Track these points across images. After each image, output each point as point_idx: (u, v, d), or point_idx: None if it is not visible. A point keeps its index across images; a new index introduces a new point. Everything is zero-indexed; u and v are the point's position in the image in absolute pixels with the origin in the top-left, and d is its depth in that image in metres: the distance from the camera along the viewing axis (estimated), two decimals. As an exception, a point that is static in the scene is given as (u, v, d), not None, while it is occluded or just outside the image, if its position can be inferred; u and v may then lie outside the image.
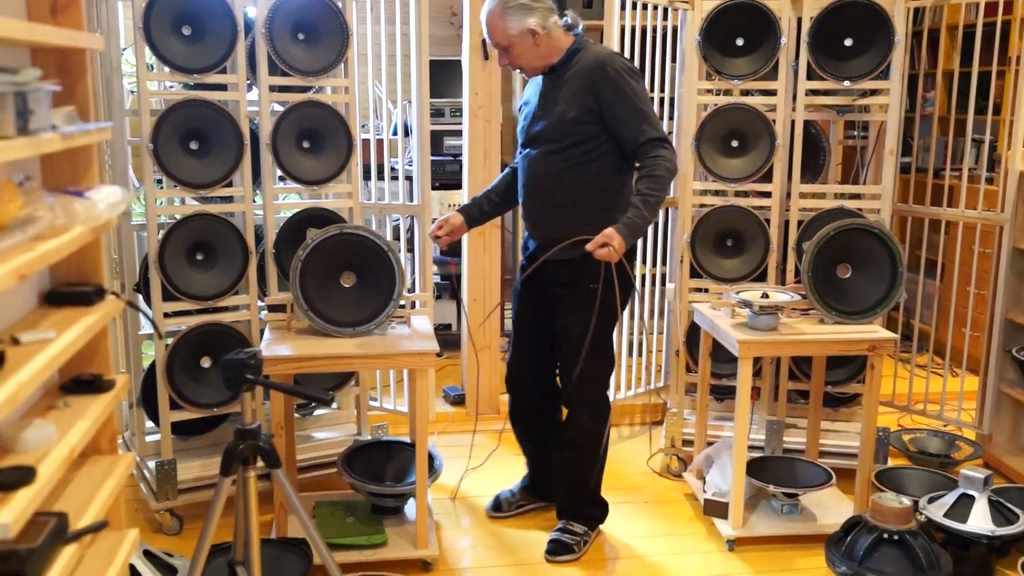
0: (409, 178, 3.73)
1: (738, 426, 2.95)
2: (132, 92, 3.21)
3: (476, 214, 3.00)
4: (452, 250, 4.84)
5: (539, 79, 2.81)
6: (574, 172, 2.73)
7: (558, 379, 3.00)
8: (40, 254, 1.39)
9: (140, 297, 3.08)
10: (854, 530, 2.75)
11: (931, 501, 2.90)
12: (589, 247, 2.60)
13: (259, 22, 3.00)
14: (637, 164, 2.72)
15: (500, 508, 3.17)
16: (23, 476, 1.37)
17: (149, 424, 3.18)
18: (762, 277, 3.48)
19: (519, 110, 2.93)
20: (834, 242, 3.06)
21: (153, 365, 3.03)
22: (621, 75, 2.66)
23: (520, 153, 2.89)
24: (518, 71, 2.81)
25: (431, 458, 3.09)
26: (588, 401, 2.90)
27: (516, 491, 3.22)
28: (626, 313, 4.01)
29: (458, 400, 4.14)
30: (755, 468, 3.15)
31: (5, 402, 1.27)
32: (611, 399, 3.93)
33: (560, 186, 2.75)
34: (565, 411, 2.99)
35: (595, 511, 3.05)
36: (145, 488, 3.12)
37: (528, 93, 2.89)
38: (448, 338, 4.66)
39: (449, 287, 2.79)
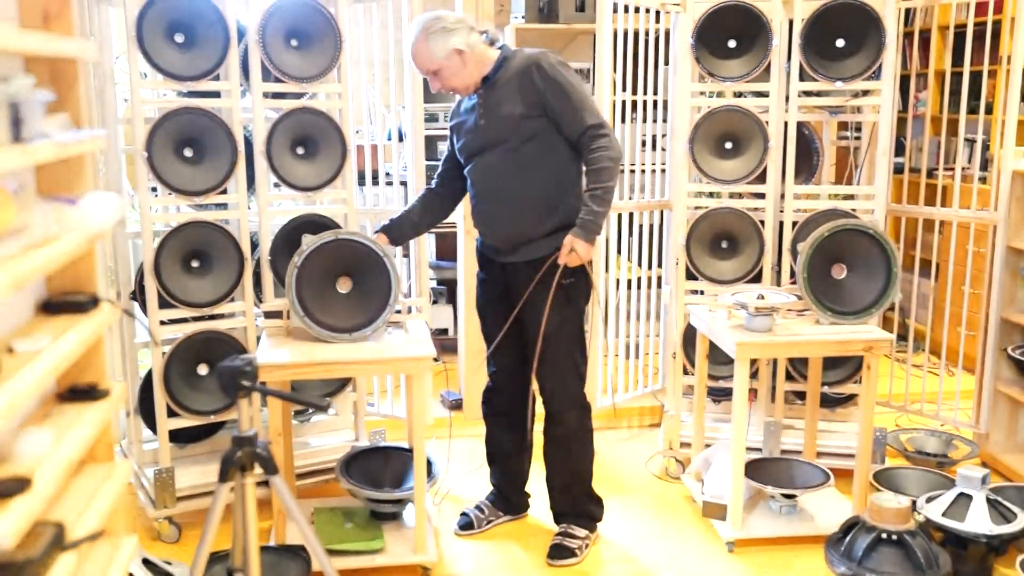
0: (404, 183, 3.73)
1: (735, 428, 2.95)
2: (126, 100, 3.20)
3: (396, 235, 3.00)
4: (448, 254, 4.84)
5: (471, 96, 2.83)
6: (532, 167, 2.75)
7: (534, 381, 2.98)
8: (36, 263, 1.39)
9: (136, 305, 3.07)
10: (853, 530, 2.76)
11: (929, 500, 2.90)
12: (560, 260, 2.71)
13: (252, 29, 3.01)
14: (583, 159, 2.75)
15: (471, 526, 3.14)
16: (18, 485, 1.36)
17: (147, 432, 3.17)
18: (757, 278, 3.49)
19: (451, 131, 2.95)
20: (829, 243, 3.06)
21: (150, 373, 3.03)
22: (555, 68, 2.70)
23: (466, 169, 2.88)
24: (449, 92, 2.85)
25: (429, 463, 3.09)
26: (570, 397, 2.90)
27: (484, 506, 3.19)
28: (622, 316, 4.01)
29: (456, 405, 4.14)
30: (753, 469, 3.15)
31: (1, 412, 1.27)
32: (610, 403, 3.96)
33: (521, 183, 2.77)
34: (543, 413, 2.98)
35: (594, 508, 3.05)
36: (143, 496, 3.11)
37: (461, 112, 2.90)
38: (445, 343, 4.67)
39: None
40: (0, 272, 1.28)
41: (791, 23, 3.39)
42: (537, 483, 3.19)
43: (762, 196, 3.48)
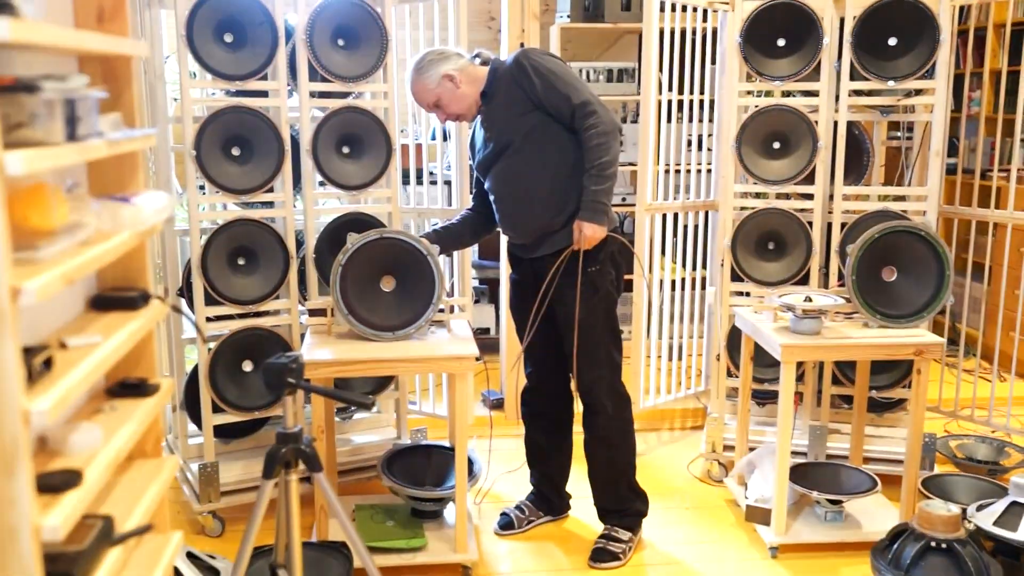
0: (448, 182, 3.74)
1: (781, 431, 2.91)
2: (175, 99, 3.25)
3: (434, 241, 2.99)
4: (490, 254, 4.84)
5: (478, 116, 2.90)
6: (538, 161, 2.78)
7: (572, 379, 2.98)
8: (87, 259, 1.40)
9: (183, 302, 3.11)
10: (900, 538, 2.70)
11: (980, 509, 2.83)
12: (575, 246, 2.75)
13: (299, 29, 3.03)
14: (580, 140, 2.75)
15: (511, 526, 3.14)
16: (70, 479, 1.38)
17: (192, 427, 3.21)
18: (804, 280, 3.44)
19: (470, 153, 3.03)
20: (879, 245, 3.01)
21: (196, 369, 3.06)
22: (534, 59, 2.74)
23: (486, 185, 2.93)
24: (458, 121, 2.94)
25: (470, 462, 3.09)
26: (608, 389, 2.89)
27: (525, 507, 3.19)
28: (666, 316, 3.98)
29: (497, 404, 4.14)
30: (798, 474, 3.11)
31: (54, 406, 1.29)
32: (652, 403, 3.93)
33: (532, 178, 2.79)
34: (581, 408, 2.97)
35: (639, 503, 3.03)
36: (188, 490, 3.15)
37: (472, 135, 3.00)
38: (487, 342, 4.66)
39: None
40: (53, 269, 1.30)
41: (842, 21, 3.34)
42: (578, 484, 3.18)
43: (810, 197, 3.43)
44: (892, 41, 3.28)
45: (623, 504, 3.01)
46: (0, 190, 1.19)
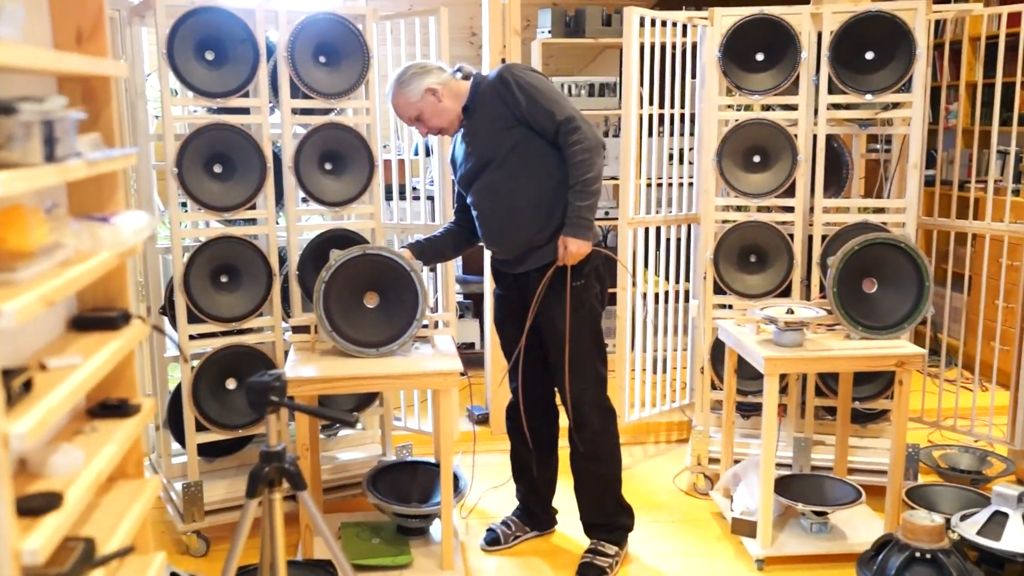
0: (431, 198, 3.74)
1: (765, 443, 2.92)
2: (156, 117, 3.24)
3: (420, 255, 2.99)
4: (474, 268, 4.85)
5: (460, 130, 2.90)
6: (521, 176, 2.79)
7: (558, 393, 2.98)
8: (67, 280, 1.40)
9: (166, 319, 3.10)
10: (885, 548, 2.71)
11: (963, 519, 2.85)
12: (560, 262, 2.75)
13: (281, 46, 3.03)
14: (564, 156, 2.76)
15: (498, 542, 3.12)
16: (51, 501, 1.37)
17: (175, 446, 3.19)
18: (787, 293, 3.46)
19: (452, 167, 3.03)
20: (859, 257, 3.03)
21: (179, 387, 3.05)
22: (517, 75, 2.75)
23: (468, 200, 2.93)
24: (439, 135, 2.95)
25: (456, 478, 3.08)
26: (594, 402, 2.89)
27: (511, 522, 3.18)
28: (650, 330, 3.99)
29: (482, 419, 4.13)
30: (783, 486, 3.12)
31: (33, 428, 1.28)
32: (637, 417, 3.93)
33: (515, 193, 2.79)
34: (566, 423, 2.97)
35: (625, 518, 3.03)
36: (172, 510, 3.13)
37: (453, 150, 3.00)
38: (472, 357, 4.66)
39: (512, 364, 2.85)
40: (32, 291, 1.30)
41: (819, 35, 3.37)
42: (564, 499, 3.18)
43: (791, 210, 3.45)
44: (869, 55, 3.31)
45: (609, 518, 3.00)
46: (-22, 212, 1.19)
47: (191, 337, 3.00)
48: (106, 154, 1.61)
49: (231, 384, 3.08)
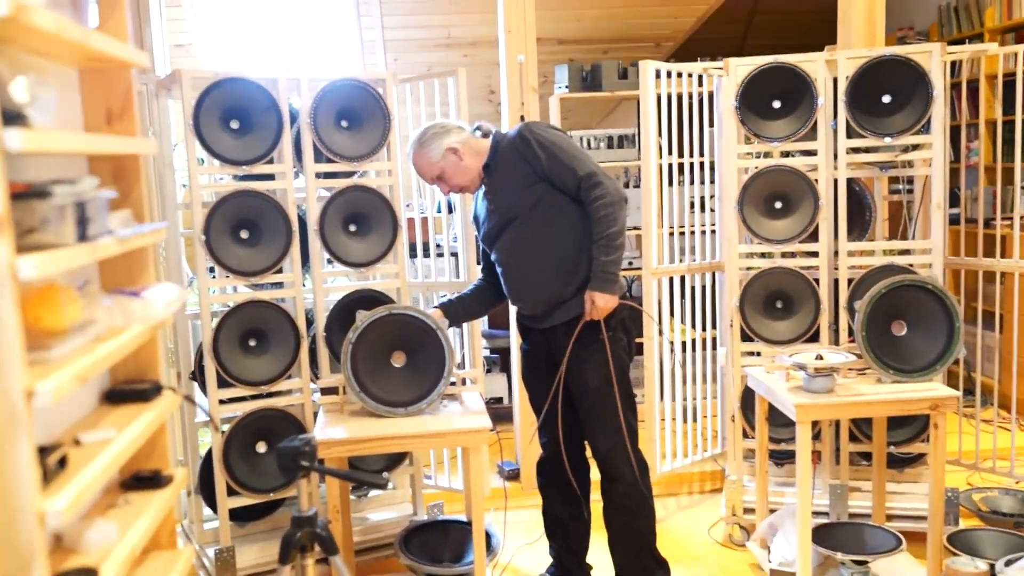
0: (455, 254, 3.77)
1: (801, 492, 2.87)
2: (184, 186, 3.31)
3: (450, 315, 3.01)
4: (500, 323, 4.85)
5: (481, 188, 2.93)
6: (545, 233, 2.81)
7: (587, 445, 2.97)
8: (100, 357, 1.42)
9: (196, 385, 3.13)
10: (929, 598, 2.65)
11: (1008, 564, 2.78)
12: (587, 317, 2.77)
13: (303, 112, 3.09)
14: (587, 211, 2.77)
15: None
16: (87, 577, 1.38)
17: (207, 511, 3.19)
18: (815, 338, 3.43)
19: (475, 226, 3.07)
20: (887, 299, 3.01)
21: (210, 452, 3.06)
22: (537, 133, 2.79)
23: (492, 257, 2.97)
24: (461, 193, 2.97)
25: (488, 536, 3.06)
26: (626, 455, 2.86)
27: None
28: (678, 379, 3.97)
29: (513, 475, 4.11)
30: (821, 535, 3.06)
31: (69, 505, 1.29)
32: (669, 468, 3.89)
33: (540, 249, 2.82)
34: (598, 476, 2.94)
35: (660, 572, 2.98)
36: (204, 576, 3.12)
37: (475, 207, 3.03)
38: (500, 411, 4.65)
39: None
40: (66, 368, 1.32)
41: (835, 81, 3.39)
42: (599, 554, 3.13)
43: (815, 254, 3.44)
44: (886, 99, 3.32)
45: (645, 573, 2.96)
46: (12, 295, 1.22)
47: (221, 401, 3.02)
48: (137, 230, 1.64)
49: (261, 448, 3.09)
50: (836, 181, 3.42)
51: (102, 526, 1.50)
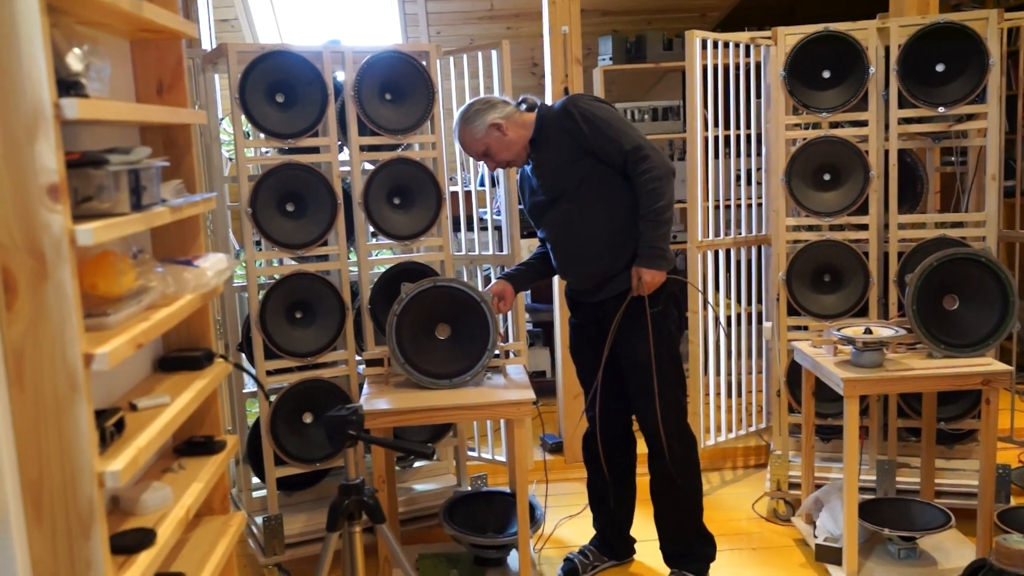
0: (498, 228, 3.76)
1: (848, 468, 2.84)
2: (230, 159, 3.34)
3: (519, 281, 3.02)
4: (543, 297, 4.85)
5: (528, 163, 2.91)
6: (593, 207, 2.78)
7: (634, 421, 2.96)
8: (155, 323, 1.45)
9: (243, 356, 3.17)
10: (978, 574, 2.61)
11: (1061, 542, 2.73)
12: (634, 292, 2.75)
13: (348, 85, 3.10)
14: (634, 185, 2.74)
15: (575, 572, 3.07)
16: (144, 538, 1.41)
17: (255, 480, 3.25)
18: (863, 312, 3.38)
19: (520, 199, 3.06)
20: (938, 273, 2.95)
21: (258, 422, 3.11)
22: (581, 106, 2.75)
23: (539, 234, 2.97)
24: (506, 168, 2.99)
25: (532, 508, 3.07)
26: (674, 430, 2.85)
27: (588, 552, 3.14)
28: (723, 353, 3.94)
29: (556, 448, 4.12)
30: (868, 511, 3.03)
31: (126, 467, 1.32)
32: (713, 442, 3.88)
33: (588, 225, 2.80)
34: (645, 450, 2.94)
35: (706, 546, 2.98)
36: (253, 543, 3.18)
37: (523, 182, 3.01)
38: (543, 385, 4.66)
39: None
40: (123, 335, 1.34)
41: (887, 49, 3.31)
42: (642, 527, 3.14)
43: (865, 227, 3.38)
44: (940, 67, 3.24)
45: (690, 547, 2.96)
46: (70, 261, 1.24)
47: (268, 373, 3.06)
48: (188, 199, 1.66)
49: (308, 418, 3.13)
50: (887, 152, 3.35)
51: (158, 489, 1.53)
